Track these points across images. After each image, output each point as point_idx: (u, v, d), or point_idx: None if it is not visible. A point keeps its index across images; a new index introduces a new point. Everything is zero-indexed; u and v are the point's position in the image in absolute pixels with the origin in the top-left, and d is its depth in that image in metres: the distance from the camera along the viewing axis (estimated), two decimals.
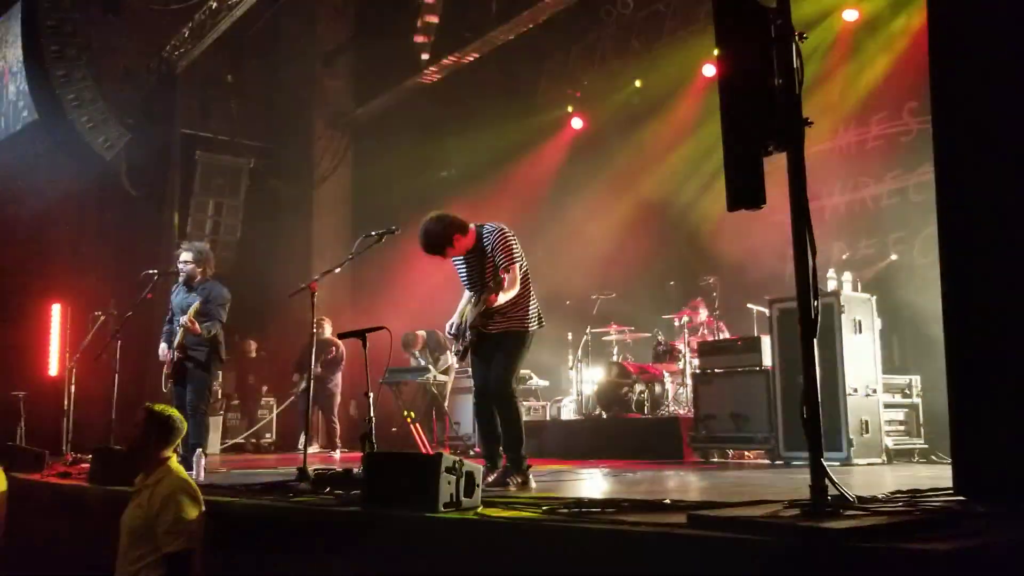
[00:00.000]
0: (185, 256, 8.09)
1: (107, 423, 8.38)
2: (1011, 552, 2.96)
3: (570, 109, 13.52)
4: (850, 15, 10.37)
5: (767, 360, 8.60)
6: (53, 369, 12.24)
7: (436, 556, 4.06)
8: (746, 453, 9.19)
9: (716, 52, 3.63)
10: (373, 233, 6.74)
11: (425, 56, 13.20)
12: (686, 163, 11.84)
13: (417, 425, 10.72)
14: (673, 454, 9.35)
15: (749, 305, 10.03)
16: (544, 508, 4.15)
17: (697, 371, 9.64)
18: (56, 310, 12.38)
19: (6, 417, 10.78)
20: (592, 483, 6.61)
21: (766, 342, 8.65)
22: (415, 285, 13.24)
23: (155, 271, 8.36)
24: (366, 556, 4.39)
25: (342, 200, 15.28)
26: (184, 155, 14.49)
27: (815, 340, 3.53)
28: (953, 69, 4.09)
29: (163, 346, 7.97)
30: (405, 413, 9.90)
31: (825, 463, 3.37)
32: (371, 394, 5.89)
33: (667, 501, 4.20)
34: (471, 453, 10.51)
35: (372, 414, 5.81)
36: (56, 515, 6.89)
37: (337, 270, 7.24)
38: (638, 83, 12.52)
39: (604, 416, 10.83)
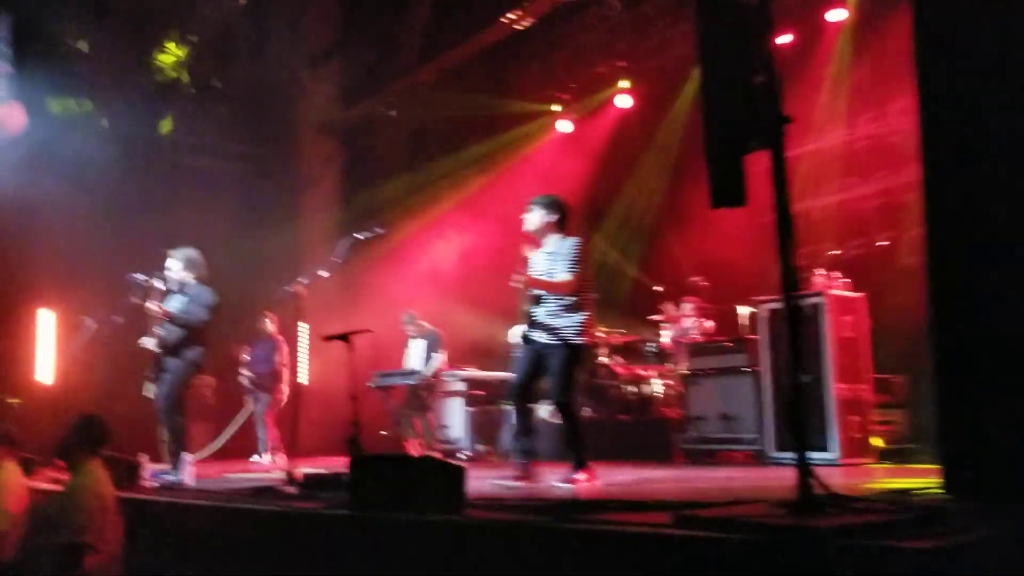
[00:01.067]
0: (174, 262, 8.07)
1: None
2: (998, 549, 2.97)
3: (556, 108, 13.50)
4: (835, 15, 10.39)
5: (756, 360, 8.60)
6: (44, 375, 12.19)
7: (424, 558, 4.05)
8: (735, 454, 9.18)
9: (697, 50, 3.63)
10: (359, 235, 6.72)
11: (412, 58, 13.19)
12: (672, 163, 11.85)
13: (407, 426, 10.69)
14: (662, 455, 9.34)
15: (737, 306, 10.02)
16: (531, 509, 4.14)
17: (686, 372, 9.63)
18: (47, 317, 12.34)
19: None
20: (580, 484, 6.58)
21: (755, 342, 8.66)
22: (404, 288, 13.22)
23: (141, 276, 8.30)
24: (354, 559, 4.38)
25: (330, 204, 15.22)
26: (172, 160, 14.44)
27: (801, 340, 3.53)
28: (938, 69, 4.11)
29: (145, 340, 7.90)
30: None
31: (814, 463, 3.37)
32: (355, 397, 5.87)
33: (654, 501, 4.19)
34: (460, 456, 10.50)
35: (356, 417, 5.80)
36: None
37: (323, 273, 7.21)
38: (626, 83, 12.50)
39: (593, 418, 10.80)
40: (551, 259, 6.35)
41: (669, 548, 3.26)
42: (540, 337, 6.27)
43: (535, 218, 6.45)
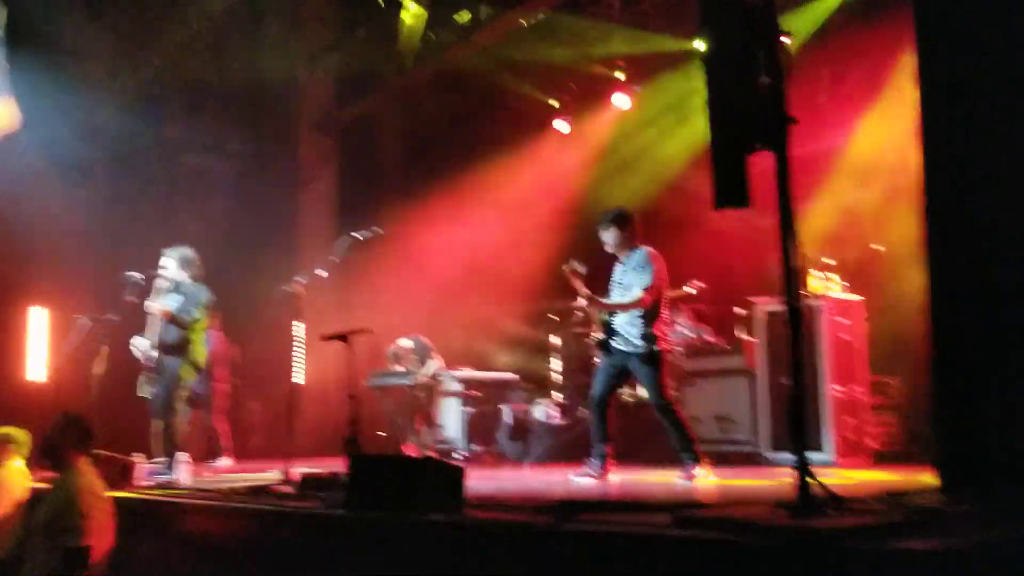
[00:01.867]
0: (168, 261, 8.05)
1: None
2: (995, 551, 2.96)
3: (554, 106, 13.49)
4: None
5: (752, 362, 8.60)
6: (36, 375, 12.16)
7: (422, 559, 4.04)
8: (731, 454, 9.17)
9: (701, 50, 3.63)
10: (356, 235, 6.72)
11: (410, 58, 13.14)
12: (671, 165, 11.84)
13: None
14: (658, 457, 9.32)
15: (734, 308, 10.01)
16: (530, 509, 4.13)
17: (682, 374, 9.62)
18: (39, 315, 12.31)
19: None
20: (578, 484, 6.59)
21: (751, 344, 8.65)
22: (402, 288, 13.20)
23: (135, 274, 8.27)
24: (351, 559, 4.37)
25: (328, 203, 15.18)
26: (168, 159, 14.40)
27: (800, 341, 3.53)
28: (938, 69, 4.11)
29: (137, 341, 7.88)
30: None
31: (810, 464, 3.36)
32: (354, 397, 5.86)
33: (653, 502, 4.19)
34: (456, 456, 10.48)
35: (355, 417, 5.79)
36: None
37: (320, 272, 7.20)
38: (620, 75, 12.48)
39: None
40: (628, 271, 6.58)
41: (669, 549, 3.26)
42: (619, 345, 6.52)
43: (612, 236, 6.64)
